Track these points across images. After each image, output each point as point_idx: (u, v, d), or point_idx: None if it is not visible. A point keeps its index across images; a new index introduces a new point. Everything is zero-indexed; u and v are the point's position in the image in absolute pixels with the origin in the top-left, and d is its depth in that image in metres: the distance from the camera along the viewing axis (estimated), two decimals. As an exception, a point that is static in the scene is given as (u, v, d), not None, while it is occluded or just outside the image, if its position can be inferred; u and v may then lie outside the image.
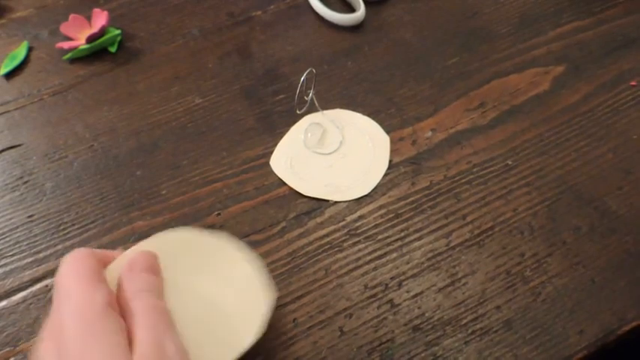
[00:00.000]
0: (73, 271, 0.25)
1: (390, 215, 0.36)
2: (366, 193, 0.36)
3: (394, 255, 0.34)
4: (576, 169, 0.37)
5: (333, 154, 0.38)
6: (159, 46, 0.45)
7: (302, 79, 0.38)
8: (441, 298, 0.33)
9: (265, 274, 0.29)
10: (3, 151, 0.40)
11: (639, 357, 0.37)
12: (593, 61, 0.43)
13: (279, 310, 0.32)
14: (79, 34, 0.45)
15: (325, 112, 0.39)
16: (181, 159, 0.39)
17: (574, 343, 0.31)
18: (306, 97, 0.39)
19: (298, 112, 0.39)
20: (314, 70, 0.38)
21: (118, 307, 0.25)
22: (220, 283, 0.28)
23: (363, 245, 0.34)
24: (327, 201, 0.36)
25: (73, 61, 0.44)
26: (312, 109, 0.40)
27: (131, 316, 0.24)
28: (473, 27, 0.45)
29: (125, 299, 0.25)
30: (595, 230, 0.35)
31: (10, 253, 0.35)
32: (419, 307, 0.32)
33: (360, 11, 0.45)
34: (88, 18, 0.45)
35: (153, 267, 0.27)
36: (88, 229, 0.36)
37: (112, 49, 0.44)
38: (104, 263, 0.27)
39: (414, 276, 0.33)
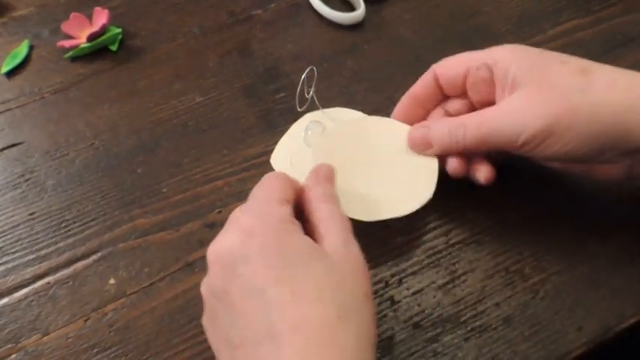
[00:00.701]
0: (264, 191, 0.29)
1: (390, 213, 0.36)
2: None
3: (395, 252, 0.34)
4: (575, 167, 0.37)
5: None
6: (160, 45, 0.45)
7: (302, 77, 0.38)
8: (440, 295, 0.33)
9: None
10: (4, 149, 0.40)
11: (638, 354, 0.37)
12: (592, 59, 0.43)
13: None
14: (79, 32, 0.45)
15: (325, 110, 0.40)
16: (182, 157, 0.39)
17: (573, 340, 0.31)
18: (306, 95, 0.39)
19: (299, 109, 0.39)
20: (314, 69, 0.38)
21: (303, 208, 0.29)
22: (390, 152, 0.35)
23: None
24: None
25: (74, 59, 0.44)
26: (313, 108, 0.40)
27: (317, 219, 0.28)
28: (473, 25, 0.45)
29: (310, 200, 0.29)
30: (593, 227, 0.35)
31: (12, 251, 0.35)
32: (419, 305, 0.33)
33: (360, 10, 0.45)
34: (89, 16, 0.45)
35: (332, 178, 0.32)
36: (90, 227, 0.36)
37: (113, 48, 0.44)
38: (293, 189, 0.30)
39: (413, 273, 0.34)
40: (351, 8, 0.47)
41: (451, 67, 0.35)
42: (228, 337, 0.25)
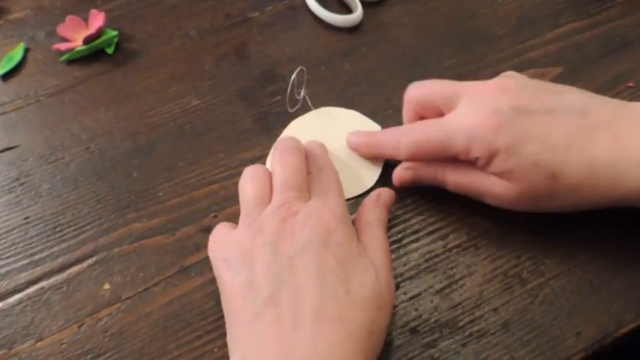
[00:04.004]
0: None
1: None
2: (363, 190, 0.36)
3: (392, 257, 0.34)
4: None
5: (333, 152, 0.38)
6: (156, 48, 0.45)
7: (292, 77, 0.38)
8: (438, 300, 0.33)
9: None
10: (-1, 152, 0.40)
11: (638, 359, 0.37)
12: (590, 62, 0.43)
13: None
14: (75, 35, 0.44)
15: (316, 110, 0.40)
16: (178, 160, 0.38)
17: (571, 346, 0.31)
18: (297, 96, 0.39)
19: (290, 110, 0.39)
20: (304, 69, 0.38)
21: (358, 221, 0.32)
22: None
23: (360, 247, 0.34)
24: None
25: (70, 62, 0.44)
26: (306, 108, 0.40)
27: (365, 240, 0.31)
28: (470, 28, 0.45)
29: (362, 220, 0.32)
30: (592, 232, 0.34)
31: (6, 255, 0.35)
32: (416, 309, 0.32)
33: (358, 12, 0.45)
34: (85, 19, 0.45)
35: (390, 205, 0.34)
36: (85, 231, 0.36)
37: (109, 51, 0.44)
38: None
39: (411, 278, 0.33)
40: (349, 11, 0.47)
41: (424, 105, 0.35)
42: (270, 293, 0.27)
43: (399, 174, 0.35)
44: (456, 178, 0.34)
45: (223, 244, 0.30)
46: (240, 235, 0.30)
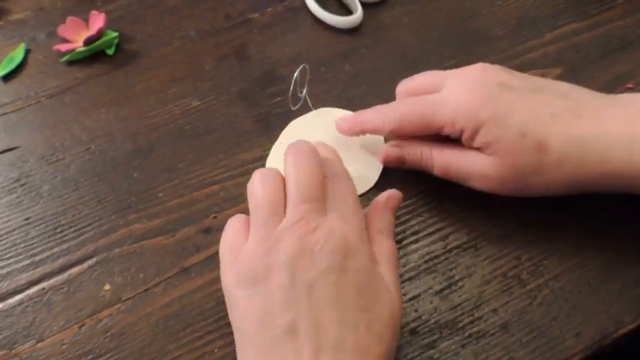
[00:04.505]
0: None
1: (387, 218, 0.36)
2: (365, 189, 0.36)
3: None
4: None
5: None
6: (156, 49, 0.45)
7: (295, 75, 0.38)
8: (437, 301, 0.33)
9: None
10: (0, 153, 0.40)
11: None
12: (589, 63, 0.43)
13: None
14: (76, 36, 0.45)
15: (315, 111, 0.40)
16: (178, 161, 0.39)
17: (571, 346, 0.31)
18: (299, 94, 0.39)
19: (292, 108, 0.39)
20: (307, 67, 0.38)
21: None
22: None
23: (360, 248, 0.34)
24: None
25: (71, 63, 0.44)
26: (305, 109, 0.40)
27: (376, 249, 0.30)
28: (470, 29, 0.45)
29: (372, 227, 0.31)
30: (591, 232, 0.35)
31: (7, 256, 0.35)
32: (415, 310, 0.32)
33: (358, 14, 0.45)
34: (86, 20, 0.45)
35: (396, 208, 0.33)
36: (85, 232, 0.36)
37: (110, 52, 0.44)
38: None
39: (410, 279, 0.33)
40: (349, 12, 0.47)
41: (415, 95, 0.36)
42: (288, 323, 0.26)
43: (385, 151, 0.35)
44: (442, 158, 0.34)
45: (235, 256, 0.28)
46: (254, 249, 0.28)
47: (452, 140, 0.34)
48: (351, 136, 0.37)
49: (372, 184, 0.37)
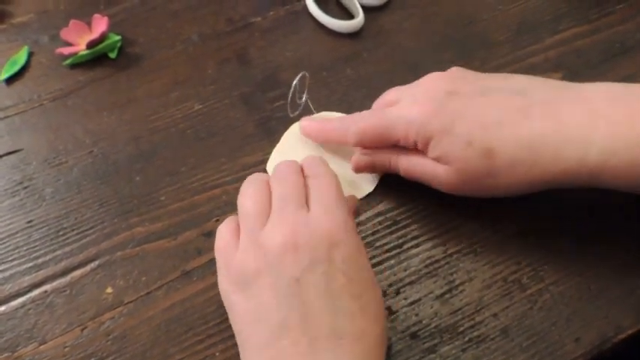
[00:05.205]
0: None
1: (388, 222, 0.36)
2: (362, 196, 0.37)
3: (392, 262, 0.34)
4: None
5: (332, 158, 0.38)
6: (159, 52, 0.45)
7: (294, 82, 0.38)
8: (438, 305, 0.33)
9: None
10: (3, 156, 0.40)
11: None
12: (590, 68, 0.43)
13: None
14: (79, 39, 0.45)
15: (316, 115, 0.40)
16: (180, 165, 0.39)
17: (570, 351, 0.31)
18: (299, 101, 0.39)
19: (291, 115, 0.40)
20: (307, 74, 0.38)
21: None
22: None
23: (361, 252, 0.34)
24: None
25: (73, 66, 0.44)
26: (307, 113, 0.40)
27: None
28: (471, 34, 0.45)
29: None
30: (591, 237, 0.35)
31: (10, 259, 0.35)
32: (416, 315, 0.32)
33: (359, 18, 0.45)
34: (89, 24, 0.45)
35: (356, 209, 0.35)
36: (87, 235, 0.36)
37: (112, 55, 0.45)
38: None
39: (411, 283, 0.34)
40: (350, 16, 0.47)
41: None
42: (281, 319, 0.27)
43: (355, 159, 0.36)
44: (405, 164, 0.35)
45: (229, 263, 0.29)
46: (243, 255, 0.29)
47: None
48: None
49: (369, 190, 0.37)
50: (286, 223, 0.28)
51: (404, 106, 0.34)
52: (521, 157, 0.31)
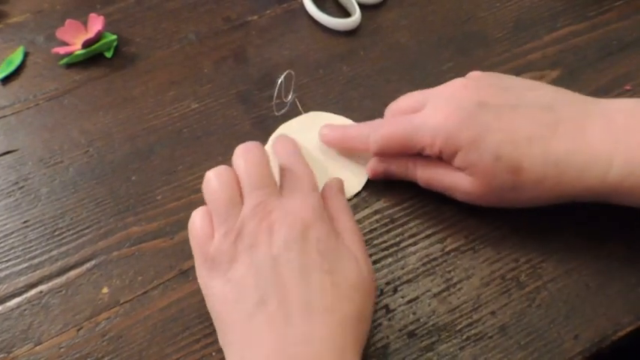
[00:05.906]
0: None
1: (385, 220, 0.36)
2: (353, 193, 0.36)
3: (389, 260, 0.34)
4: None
5: (321, 156, 0.38)
6: (155, 51, 0.45)
7: (279, 81, 0.38)
8: (435, 303, 0.33)
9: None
10: (-2, 156, 0.40)
11: (635, 362, 0.37)
12: (588, 65, 0.43)
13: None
14: (75, 39, 0.45)
15: (305, 115, 0.40)
16: (177, 164, 0.39)
17: (569, 349, 0.31)
18: (285, 100, 0.39)
19: (277, 114, 0.39)
20: (292, 73, 0.38)
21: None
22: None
23: (358, 250, 0.34)
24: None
25: (69, 66, 0.44)
26: (294, 112, 0.40)
27: (341, 228, 0.31)
28: (468, 31, 0.45)
29: (333, 211, 0.32)
30: (589, 235, 0.35)
31: (5, 259, 0.35)
32: (414, 313, 0.32)
33: (356, 16, 0.45)
34: (84, 23, 0.45)
35: (343, 190, 0.35)
36: (83, 235, 0.36)
37: (108, 54, 0.44)
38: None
39: (409, 281, 0.33)
40: (347, 14, 0.47)
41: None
42: (259, 296, 0.27)
43: (372, 166, 0.36)
44: (425, 174, 0.34)
45: (206, 253, 0.30)
46: (220, 244, 0.29)
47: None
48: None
49: (359, 187, 0.37)
50: (261, 210, 0.29)
51: (429, 114, 0.33)
52: (547, 174, 0.31)
